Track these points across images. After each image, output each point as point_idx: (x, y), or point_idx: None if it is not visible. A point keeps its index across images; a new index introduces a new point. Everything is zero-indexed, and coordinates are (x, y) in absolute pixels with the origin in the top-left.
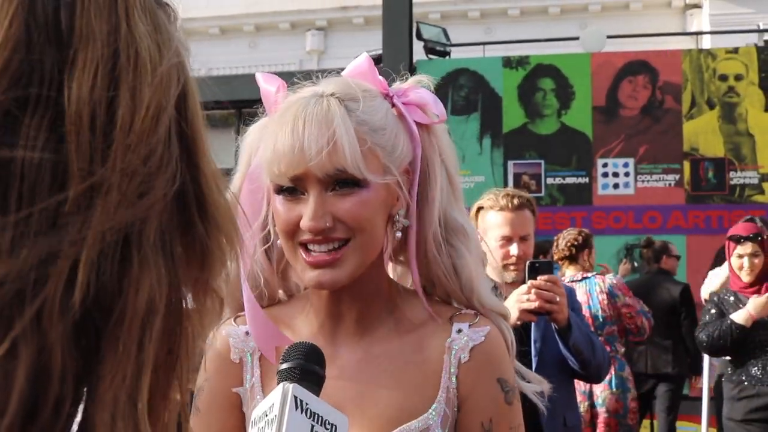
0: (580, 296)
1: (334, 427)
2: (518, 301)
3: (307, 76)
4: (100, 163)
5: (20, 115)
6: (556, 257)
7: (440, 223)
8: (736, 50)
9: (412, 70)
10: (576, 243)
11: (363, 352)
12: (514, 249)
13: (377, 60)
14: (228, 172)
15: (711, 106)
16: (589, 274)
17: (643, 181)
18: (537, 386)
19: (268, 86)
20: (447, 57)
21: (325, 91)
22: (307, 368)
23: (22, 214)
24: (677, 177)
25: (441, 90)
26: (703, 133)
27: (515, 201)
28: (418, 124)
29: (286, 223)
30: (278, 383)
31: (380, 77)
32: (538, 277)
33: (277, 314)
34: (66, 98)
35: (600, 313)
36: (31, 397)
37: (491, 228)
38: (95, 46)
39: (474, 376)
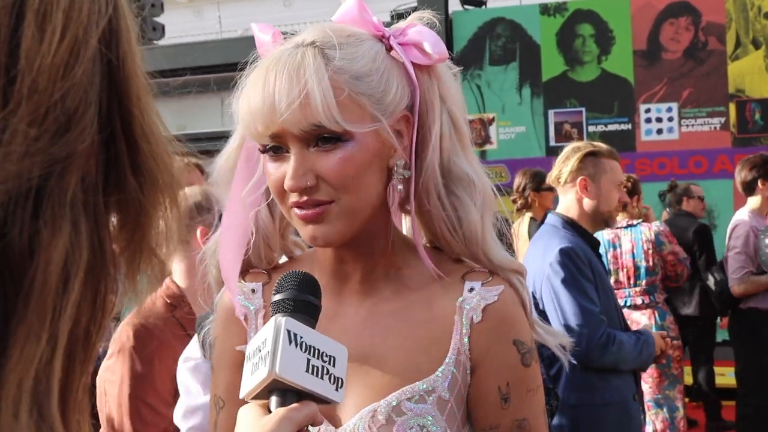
0: (625, 244)
1: (332, 358)
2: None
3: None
4: (0, 104)
5: None
6: None
7: (442, 172)
8: None
9: (448, 21)
10: (625, 189)
11: (368, 311)
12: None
13: (412, 12)
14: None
15: (756, 46)
16: (635, 222)
17: (687, 125)
18: (559, 339)
19: (263, 36)
20: (483, 7)
21: (305, 39)
22: (301, 299)
23: None
24: (723, 120)
25: (478, 40)
26: (749, 74)
27: None
28: (417, 65)
29: (274, 184)
30: (272, 315)
31: (374, 19)
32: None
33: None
34: None
35: (643, 263)
36: None
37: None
38: None
39: (488, 338)
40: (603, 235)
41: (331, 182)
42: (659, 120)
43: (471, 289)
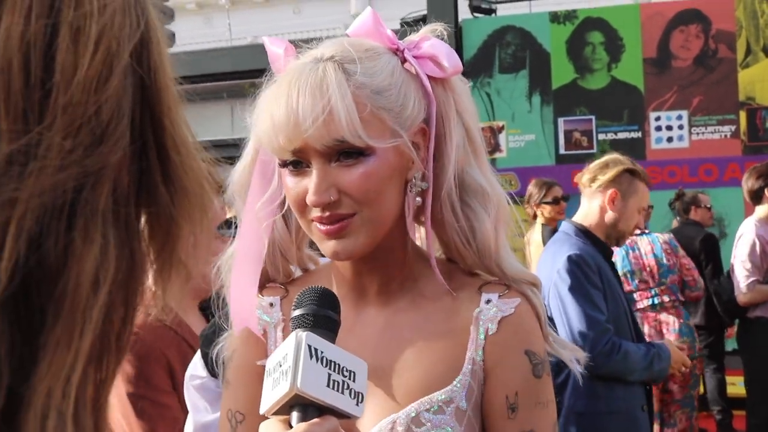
0: (644, 247)
1: (352, 374)
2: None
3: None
4: (36, 118)
5: None
6: None
7: (456, 183)
8: None
9: (458, 29)
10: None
11: (385, 322)
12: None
13: (422, 20)
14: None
15: (767, 53)
16: (646, 230)
17: (697, 133)
18: (574, 352)
19: (276, 49)
20: (493, 15)
21: (324, 54)
22: (321, 314)
23: None
24: (733, 128)
25: (488, 48)
26: (759, 82)
27: None
28: (431, 78)
29: (295, 199)
30: (292, 331)
31: (389, 32)
32: None
33: (305, 286)
34: None
35: (664, 260)
36: None
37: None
38: None
39: (501, 349)
40: None
41: (353, 196)
42: (669, 128)
43: (488, 301)
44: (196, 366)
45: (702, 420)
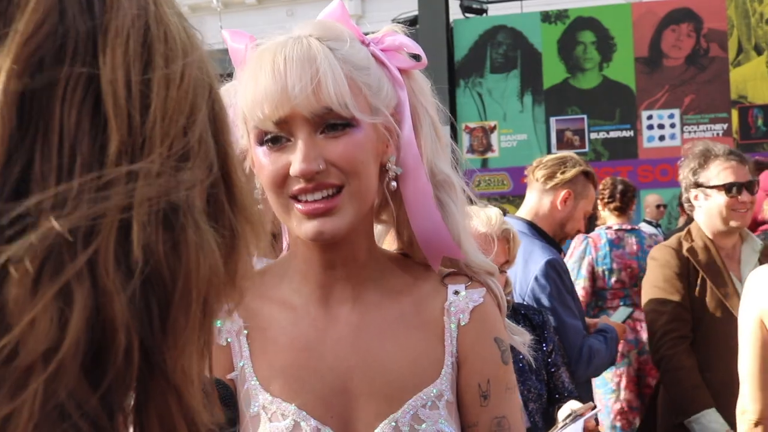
0: (630, 247)
1: None
2: None
3: None
4: (139, 131)
5: (57, 87)
6: (605, 206)
7: (427, 175)
8: None
9: (449, 29)
10: (627, 193)
11: (360, 318)
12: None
13: (413, 21)
14: None
15: (759, 52)
16: (636, 226)
17: (689, 132)
18: (525, 337)
19: (236, 44)
20: (484, 15)
21: (302, 33)
22: None
23: (68, 185)
24: (725, 126)
25: (479, 48)
26: (751, 80)
27: None
28: (399, 69)
29: (273, 175)
30: None
31: (354, 25)
32: None
33: (257, 290)
34: (101, 63)
35: (644, 264)
36: (93, 342)
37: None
38: (126, 16)
39: (472, 338)
40: (606, 234)
41: (341, 167)
42: (661, 126)
43: (456, 292)
44: None
45: None
